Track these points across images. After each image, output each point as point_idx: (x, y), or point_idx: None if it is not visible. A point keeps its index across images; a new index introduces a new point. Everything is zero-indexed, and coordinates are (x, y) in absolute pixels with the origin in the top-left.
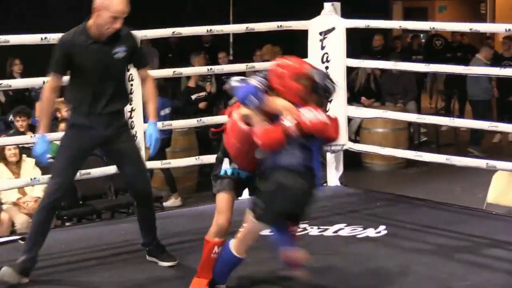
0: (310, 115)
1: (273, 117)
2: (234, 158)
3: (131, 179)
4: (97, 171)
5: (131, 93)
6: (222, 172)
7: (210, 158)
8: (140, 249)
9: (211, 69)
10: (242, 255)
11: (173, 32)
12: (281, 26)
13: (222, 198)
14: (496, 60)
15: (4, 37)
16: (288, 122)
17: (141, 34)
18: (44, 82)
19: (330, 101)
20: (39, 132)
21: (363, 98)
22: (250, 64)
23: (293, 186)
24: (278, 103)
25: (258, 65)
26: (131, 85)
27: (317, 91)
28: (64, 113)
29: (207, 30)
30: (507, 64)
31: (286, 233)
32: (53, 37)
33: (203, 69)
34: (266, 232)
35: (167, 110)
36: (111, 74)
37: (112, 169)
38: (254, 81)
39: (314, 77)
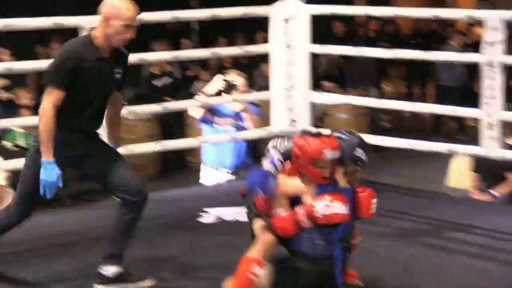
0: (323, 208)
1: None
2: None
3: (123, 180)
4: None
5: None
6: None
7: (173, 144)
8: (103, 236)
9: (175, 55)
10: None
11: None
12: (246, 12)
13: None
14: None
15: None
16: (300, 213)
17: None
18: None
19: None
20: (47, 157)
21: (325, 82)
22: (214, 50)
23: (307, 276)
24: (291, 187)
25: (223, 51)
26: None
27: (344, 163)
28: (25, 100)
29: (172, 17)
30: (469, 51)
31: None
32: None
33: (167, 55)
34: None
35: None
36: (106, 93)
37: None
38: (269, 164)
39: (333, 156)
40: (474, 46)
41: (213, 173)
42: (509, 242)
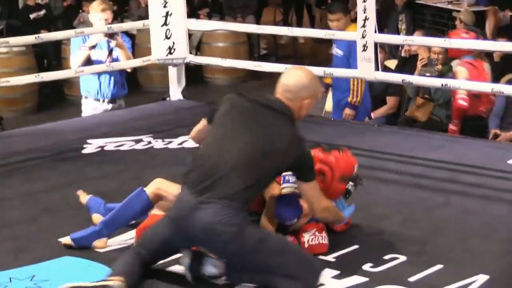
0: (309, 238)
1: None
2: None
3: None
4: None
5: None
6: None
7: (50, 75)
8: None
9: None
10: None
11: None
12: None
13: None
14: None
15: None
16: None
17: None
18: None
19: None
20: None
21: (201, 12)
22: None
23: None
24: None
25: None
26: None
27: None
28: None
29: None
30: None
31: None
32: None
33: None
34: None
35: None
36: None
37: None
38: (287, 185)
39: (356, 171)
40: None
41: (93, 104)
42: (381, 160)
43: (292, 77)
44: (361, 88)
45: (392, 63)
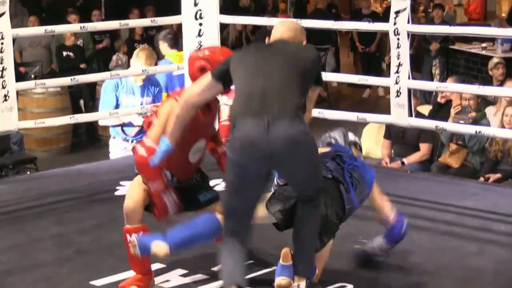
0: None
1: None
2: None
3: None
4: None
5: (1, 52)
6: None
7: (85, 117)
8: (15, 209)
9: (84, 26)
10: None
11: None
12: None
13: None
14: (356, 16)
15: None
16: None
17: None
18: None
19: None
20: None
21: None
22: (123, 22)
23: None
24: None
25: (132, 23)
26: (1, 43)
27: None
28: None
29: None
30: (366, 21)
31: None
32: None
33: (76, 27)
34: None
35: None
36: None
37: None
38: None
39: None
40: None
41: (122, 145)
42: (414, 207)
43: (285, 24)
44: None
45: (424, 109)
